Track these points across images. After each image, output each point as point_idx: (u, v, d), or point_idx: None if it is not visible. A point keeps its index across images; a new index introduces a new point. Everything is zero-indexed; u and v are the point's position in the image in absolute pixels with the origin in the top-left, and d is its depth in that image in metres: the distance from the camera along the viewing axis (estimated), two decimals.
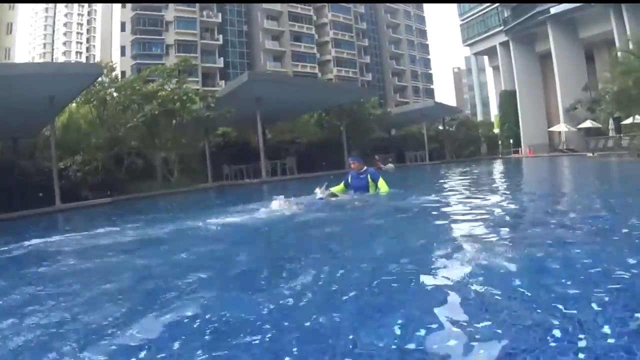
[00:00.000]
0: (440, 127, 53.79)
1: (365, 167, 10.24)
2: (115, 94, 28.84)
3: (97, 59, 69.89)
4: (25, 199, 19.62)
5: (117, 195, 23.31)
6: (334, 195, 9.73)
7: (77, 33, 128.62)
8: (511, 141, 57.89)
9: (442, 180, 18.95)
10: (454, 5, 72.76)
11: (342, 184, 10.27)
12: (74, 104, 28.96)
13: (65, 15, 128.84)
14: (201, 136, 32.27)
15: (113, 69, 30.05)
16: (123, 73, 55.01)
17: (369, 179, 9.91)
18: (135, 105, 28.04)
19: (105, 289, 4.12)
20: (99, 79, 25.13)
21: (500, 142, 61.54)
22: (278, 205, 8.98)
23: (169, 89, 28.55)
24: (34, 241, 8.11)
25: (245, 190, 23.34)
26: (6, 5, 58.33)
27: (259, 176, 29.45)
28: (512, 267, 3.77)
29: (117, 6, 74.33)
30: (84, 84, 21.95)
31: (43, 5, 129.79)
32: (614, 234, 4.99)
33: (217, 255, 5.68)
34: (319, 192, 9.66)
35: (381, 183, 9.87)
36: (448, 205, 9.63)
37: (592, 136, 42.92)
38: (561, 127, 50.15)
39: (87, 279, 4.70)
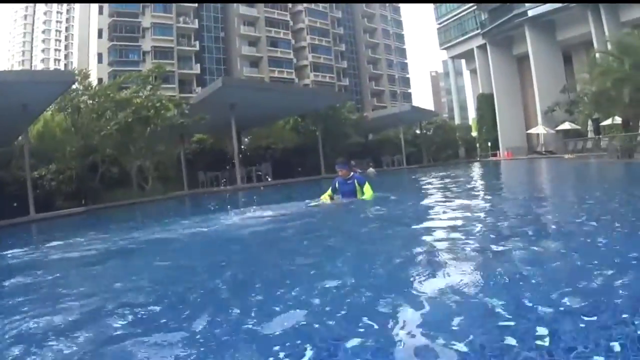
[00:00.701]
0: (418, 131, 53.93)
1: (352, 173, 10.79)
2: (89, 102, 28.52)
3: (75, 66, 69.31)
4: (0, 209, 19.32)
5: (92, 204, 23.08)
6: (331, 198, 10.73)
7: (56, 40, 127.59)
8: (489, 144, 58.32)
9: (417, 185, 18.97)
10: (431, 9, 73.21)
11: (330, 190, 10.81)
12: (49, 112, 28.64)
13: (44, 23, 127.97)
14: (176, 143, 32.07)
15: (87, 76, 29.71)
16: (100, 80, 54.42)
17: (356, 184, 10.49)
18: (109, 113, 27.77)
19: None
20: (73, 86, 24.85)
21: (478, 145, 61.95)
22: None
23: (143, 96, 28.35)
24: None
25: (219, 198, 23.16)
26: None
27: (234, 183, 29.26)
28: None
29: (94, 13, 73.54)
30: (56, 91, 21.73)
31: (22, 13, 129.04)
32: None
33: (179, 270, 5.49)
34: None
35: (367, 188, 10.42)
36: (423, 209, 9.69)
37: (570, 138, 43.24)
38: (539, 130, 50.53)
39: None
